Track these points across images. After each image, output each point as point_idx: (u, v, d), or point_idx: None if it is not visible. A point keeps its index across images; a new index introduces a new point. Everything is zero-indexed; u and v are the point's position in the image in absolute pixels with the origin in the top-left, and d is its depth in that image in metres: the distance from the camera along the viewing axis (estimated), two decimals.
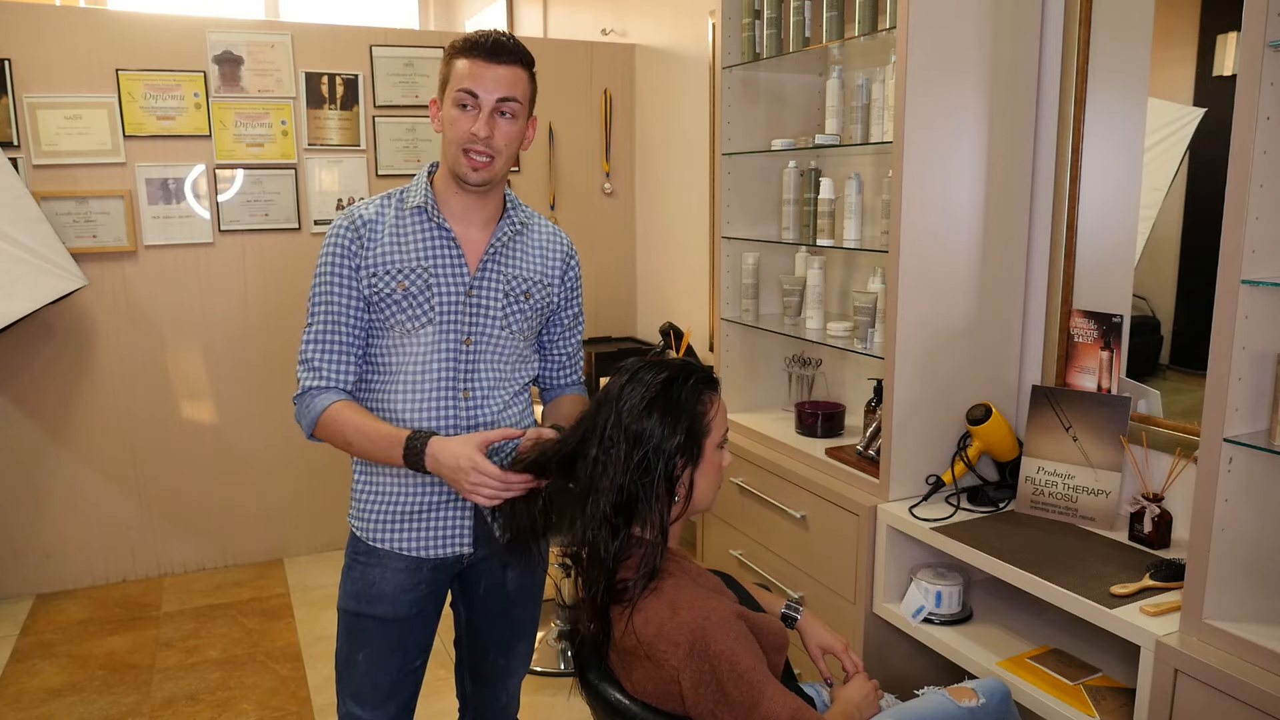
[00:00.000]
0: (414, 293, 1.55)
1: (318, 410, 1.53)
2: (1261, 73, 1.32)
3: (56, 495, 3.38)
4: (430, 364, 1.57)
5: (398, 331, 1.56)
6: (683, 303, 3.72)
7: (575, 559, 1.38)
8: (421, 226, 1.58)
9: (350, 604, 1.64)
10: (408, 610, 1.63)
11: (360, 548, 1.63)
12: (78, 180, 3.25)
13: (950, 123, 1.98)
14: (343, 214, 1.59)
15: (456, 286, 1.57)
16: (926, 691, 1.59)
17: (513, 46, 1.52)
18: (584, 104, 3.95)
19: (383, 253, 1.55)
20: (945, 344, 2.07)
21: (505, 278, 1.62)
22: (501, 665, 1.78)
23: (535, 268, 1.67)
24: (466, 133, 1.50)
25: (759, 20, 2.48)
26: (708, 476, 1.37)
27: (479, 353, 1.60)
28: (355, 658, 1.64)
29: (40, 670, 2.90)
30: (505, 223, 1.62)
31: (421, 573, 1.62)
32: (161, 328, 3.43)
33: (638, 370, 1.36)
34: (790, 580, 2.36)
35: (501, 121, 1.52)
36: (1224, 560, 1.45)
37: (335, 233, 1.57)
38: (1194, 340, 1.88)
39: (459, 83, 1.50)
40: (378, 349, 1.59)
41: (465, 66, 1.50)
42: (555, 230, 1.74)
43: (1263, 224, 1.36)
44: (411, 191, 1.60)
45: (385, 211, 1.59)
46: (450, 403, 1.58)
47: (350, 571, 1.65)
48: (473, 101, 1.50)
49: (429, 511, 1.60)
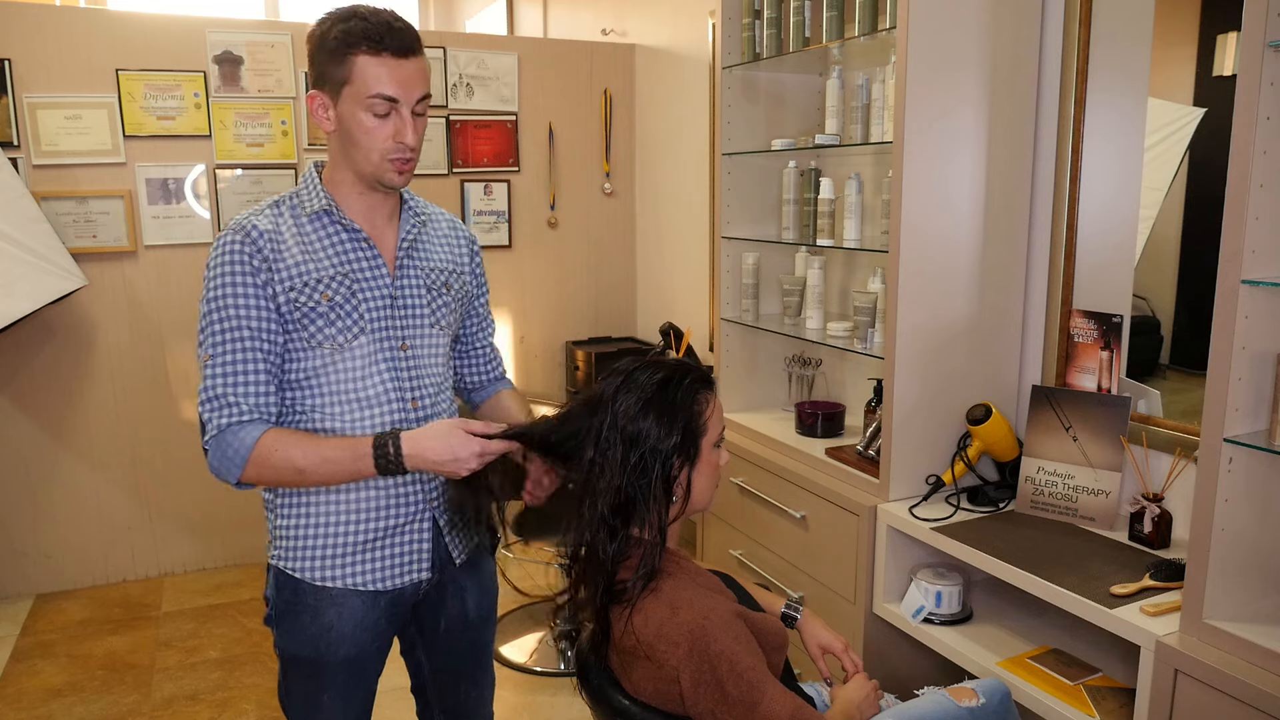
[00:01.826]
0: (339, 302, 1.42)
1: (247, 446, 1.35)
2: (1261, 73, 1.32)
3: (56, 495, 3.38)
4: (370, 377, 1.45)
5: (328, 347, 1.42)
6: (683, 303, 3.72)
7: (573, 558, 1.38)
8: (328, 231, 1.44)
9: (305, 650, 1.48)
10: (369, 646, 1.51)
11: (303, 589, 1.46)
12: (78, 180, 3.25)
13: (950, 123, 1.98)
14: (230, 229, 1.40)
15: (380, 289, 1.46)
16: (926, 691, 1.59)
17: (411, 32, 1.39)
18: (584, 104, 3.95)
19: (295, 264, 1.40)
20: (945, 344, 2.07)
21: (423, 272, 1.52)
22: (475, 698, 1.70)
23: (446, 257, 1.57)
24: (390, 142, 1.38)
25: (759, 20, 2.48)
26: (705, 476, 1.37)
27: (417, 357, 1.50)
28: (319, 700, 1.51)
29: (40, 670, 2.90)
30: (408, 214, 1.52)
31: (379, 607, 1.50)
32: (161, 328, 3.43)
33: (633, 371, 1.36)
34: (790, 580, 2.36)
35: (418, 121, 1.41)
36: (1224, 560, 1.45)
37: (229, 249, 1.38)
38: (1194, 340, 1.88)
39: (370, 86, 1.35)
40: (303, 372, 1.43)
41: (373, 66, 1.35)
42: (451, 217, 1.65)
43: (1263, 224, 1.36)
44: (305, 196, 1.45)
45: (280, 220, 1.43)
46: (400, 415, 1.47)
47: (296, 617, 1.47)
48: (392, 107, 1.37)
49: (382, 539, 1.47)
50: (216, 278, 1.38)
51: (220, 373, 1.38)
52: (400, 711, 1.78)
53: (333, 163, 1.47)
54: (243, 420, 1.37)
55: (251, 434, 1.36)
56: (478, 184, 3.81)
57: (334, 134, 1.42)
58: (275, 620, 1.51)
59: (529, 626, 3.08)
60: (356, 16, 1.36)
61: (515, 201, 3.90)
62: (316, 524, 1.46)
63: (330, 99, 1.39)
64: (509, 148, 3.84)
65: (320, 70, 1.39)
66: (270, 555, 1.52)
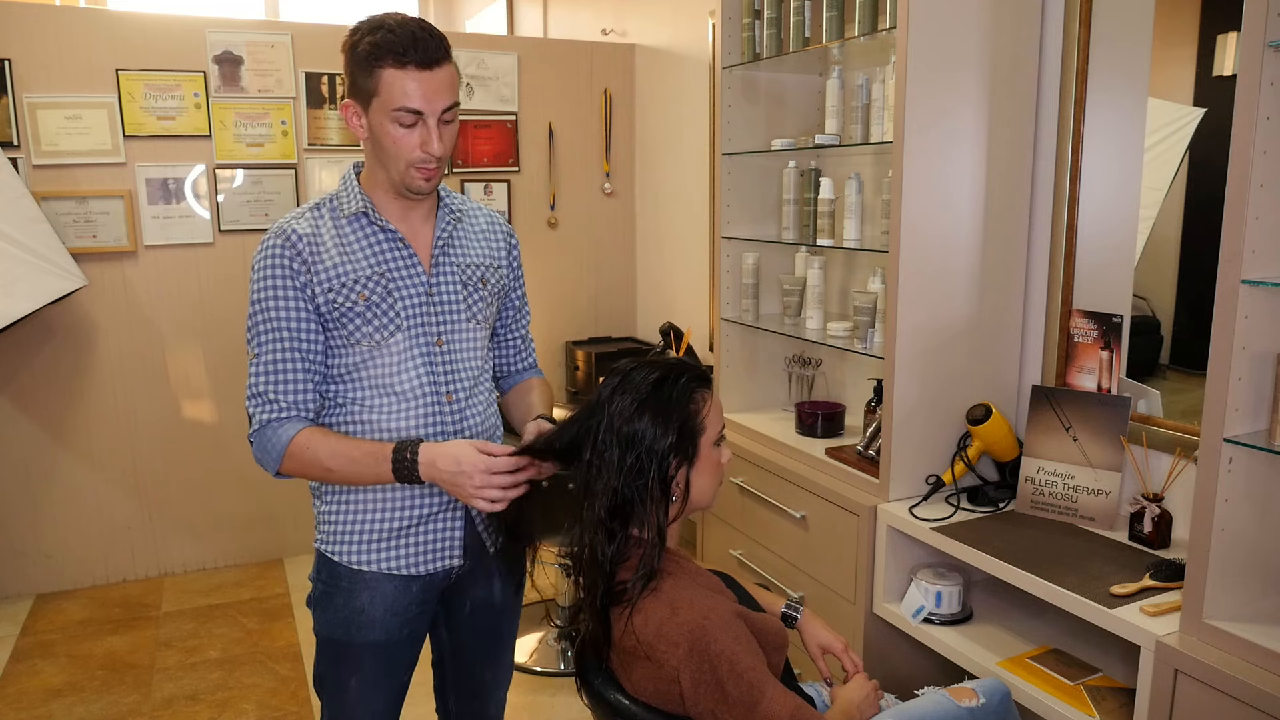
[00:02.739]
0: (375, 301, 1.47)
1: (283, 442, 1.43)
2: (1261, 73, 1.32)
3: (56, 495, 3.38)
4: (406, 371, 1.50)
5: (365, 345, 1.48)
6: (683, 303, 3.72)
7: (575, 560, 1.38)
8: (365, 232, 1.49)
9: (337, 633, 1.55)
10: (398, 633, 1.56)
11: (339, 573, 1.54)
12: (78, 180, 3.25)
13: (950, 123, 1.98)
14: (271, 233, 1.48)
15: (416, 287, 1.51)
16: (926, 691, 1.59)
17: (437, 41, 1.41)
18: (584, 104, 3.95)
19: (333, 265, 1.46)
20: (945, 344, 2.07)
21: (459, 268, 1.56)
22: (489, 680, 1.73)
23: (483, 252, 1.61)
24: (416, 150, 1.42)
25: (759, 20, 2.48)
26: (706, 475, 1.37)
27: (453, 352, 1.54)
28: (347, 684, 1.56)
29: (40, 670, 2.90)
30: (444, 212, 1.57)
31: (411, 592, 1.55)
32: (161, 328, 3.43)
33: (629, 372, 1.36)
34: (790, 580, 2.36)
35: (445, 129, 1.44)
36: (1224, 560, 1.45)
37: (271, 253, 1.45)
38: (1194, 340, 1.88)
39: (396, 99, 1.39)
40: (344, 368, 1.50)
41: (399, 79, 1.38)
42: (490, 212, 1.69)
43: (1263, 224, 1.36)
44: (344, 198, 1.50)
45: (320, 223, 1.49)
46: (434, 408, 1.52)
47: (331, 599, 1.55)
48: (418, 119, 1.41)
49: (417, 526, 1.53)
50: (260, 280, 1.46)
51: (263, 371, 1.46)
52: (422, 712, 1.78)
53: (369, 165, 1.51)
54: (282, 417, 1.45)
55: (289, 431, 1.44)
56: (478, 184, 3.82)
57: (366, 141, 1.47)
58: (315, 602, 1.58)
59: (529, 626, 3.08)
60: (384, 28, 1.39)
61: (515, 201, 3.90)
62: (355, 510, 1.53)
63: (361, 108, 1.43)
64: (509, 148, 3.84)
65: (352, 80, 1.43)
66: (316, 539, 1.59)
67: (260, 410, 1.46)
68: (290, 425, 1.45)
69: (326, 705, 1.62)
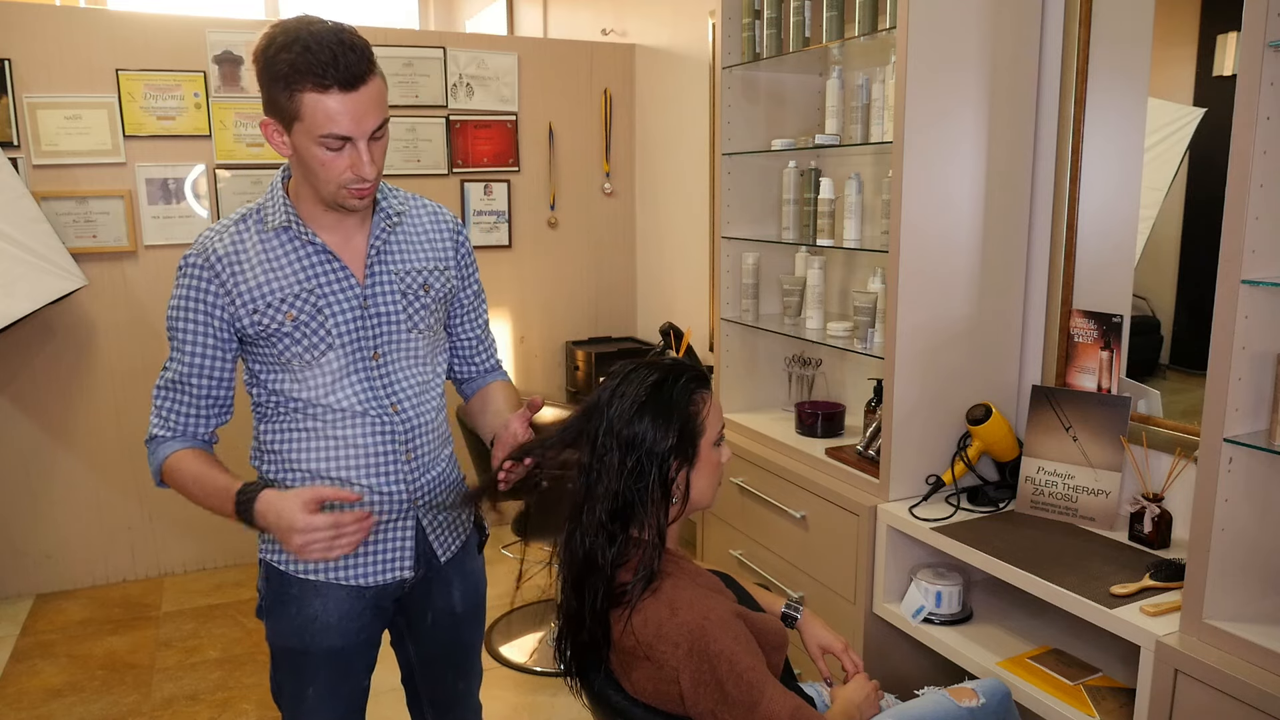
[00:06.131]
0: (304, 320, 1.41)
1: (160, 459, 1.44)
2: (1261, 73, 1.32)
3: (56, 495, 3.38)
4: (342, 389, 1.44)
5: (295, 365, 1.42)
6: (683, 303, 3.72)
7: (568, 562, 1.37)
8: (291, 247, 1.41)
9: (292, 642, 1.50)
10: (355, 637, 1.51)
11: (288, 581, 1.48)
12: (78, 180, 3.25)
13: (950, 123, 1.98)
14: (193, 250, 1.40)
15: (348, 301, 1.43)
16: (926, 691, 1.59)
17: (359, 54, 1.29)
18: (584, 104, 3.95)
19: (256, 285, 1.39)
20: (945, 344, 2.07)
21: (397, 276, 1.47)
22: (462, 689, 1.70)
23: (426, 254, 1.52)
24: (346, 173, 1.34)
25: (759, 20, 2.48)
26: (706, 475, 1.37)
27: (391, 364, 1.47)
28: (305, 693, 1.51)
29: (40, 670, 2.90)
30: (379, 217, 1.46)
31: (365, 599, 1.51)
32: (161, 328, 3.41)
33: (628, 373, 1.35)
34: (790, 580, 2.36)
35: (375, 146, 1.35)
36: (1224, 560, 1.45)
37: (187, 274, 1.39)
38: (1194, 340, 1.88)
39: (321, 126, 1.28)
40: (276, 383, 1.44)
41: (321, 104, 1.27)
42: (436, 207, 1.58)
43: (1263, 224, 1.36)
44: (269, 210, 1.42)
45: (244, 238, 1.41)
46: (379, 422, 1.46)
47: (283, 608, 1.49)
48: (345, 143, 1.31)
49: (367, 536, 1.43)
50: (175, 299, 1.43)
51: (165, 385, 1.46)
52: (397, 713, 1.78)
53: (297, 177, 1.42)
54: (165, 435, 1.46)
55: (166, 449, 1.45)
56: (478, 184, 3.81)
57: (292, 158, 1.38)
58: (265, 611, 1.54)
59: (529, 626, 3.08)
60: (300, 43, 1.26)
61: (515, 201, 3.90)
62: None
63: (283, 128, 1.33)
64: (509, 148, 3.84)
65: (270, 98, 1.32)
66: (260, 548, 1.54)
67: (153, 422, 1.47)
68: (170, 444, 1.45)
69: (286, 715, 1.57)
